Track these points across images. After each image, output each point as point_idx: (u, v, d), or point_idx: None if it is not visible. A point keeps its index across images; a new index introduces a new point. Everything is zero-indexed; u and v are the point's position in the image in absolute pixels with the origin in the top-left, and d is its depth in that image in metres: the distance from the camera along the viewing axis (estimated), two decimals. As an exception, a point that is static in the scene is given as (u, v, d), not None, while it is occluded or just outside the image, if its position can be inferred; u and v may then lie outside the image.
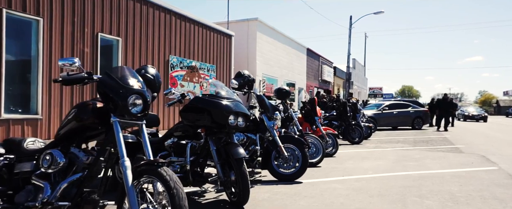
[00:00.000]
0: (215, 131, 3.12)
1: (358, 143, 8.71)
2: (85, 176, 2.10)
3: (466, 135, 11.75)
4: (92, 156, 2.15)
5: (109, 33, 6.64)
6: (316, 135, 6.38)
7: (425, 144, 8.60)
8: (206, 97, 3.11)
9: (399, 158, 6.14)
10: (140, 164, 1.95)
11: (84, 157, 2.14)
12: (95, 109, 2.16)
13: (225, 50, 11.02)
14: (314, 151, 5.38)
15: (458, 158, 6.16)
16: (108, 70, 2.16)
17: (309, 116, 6.47)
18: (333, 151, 6.43)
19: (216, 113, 3.00)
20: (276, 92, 5.36)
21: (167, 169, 1.90)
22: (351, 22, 20.09)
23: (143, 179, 1.95)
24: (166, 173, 1.86)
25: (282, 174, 4.20)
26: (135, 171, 1.94)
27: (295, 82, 17.39)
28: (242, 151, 2.99)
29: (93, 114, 2.14)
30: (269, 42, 14.26)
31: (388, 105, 14.87)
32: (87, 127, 2.20)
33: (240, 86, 4.16)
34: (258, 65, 13.23)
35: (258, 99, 4.24)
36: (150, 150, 2.12)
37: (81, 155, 2.14)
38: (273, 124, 4.21)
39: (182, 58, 8.93)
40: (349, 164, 5.48)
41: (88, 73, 2.14)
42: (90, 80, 2.13)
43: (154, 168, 1.89)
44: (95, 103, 2.21)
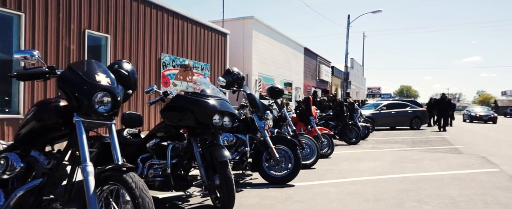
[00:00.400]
0: (199, 132, 2.90)
1: (355, 143, 8.51)
2: (45, 183, 1.88)
3: (465, 135, 11.58)
4: (53, 161, 1.93)
5: (97, 30, 6.42)
6: (311, 135, 6.18)
7: (424, 145, 8.42)
8: (189, 95, 2.89)
9: (397, 159, 5.94)
10: (104, 169, 1.74)
11: (45, 161, 1.92)
12: (58, 107, 1.94)
13: (220, 49, 10.80)
14: (308, 152, 5.18)
15: (458, 159, 5.96)
16: (73, 64, 1.94)
17: (304, 115, 6.26)
18: (328, 152, 6.22)
19: (199, 113, 2.78)
20: (269, 91, 5.15)
21: (134, 175, 1.68)
22: (349, 21, 19.91)
23: (107, 186, 1.74)
24: (131, 179, 1.64)
25: (273, 176, 3.99)
26: (99, 177, 1.73)
27: (292, 81, 17.19)
28: (227, 154, 2.77)
29: (56, 113, 1.92)
30: (266, 41, 14.06)
31: (386, 105, 14.70)
32: (50, 127, 1.99)
33: (229, 84, 3.95)
34: (254, 64, 13.03)
35: (248, 98, 4.03)
36: (118, 153, 1.90)
37: (41, 159, 1.93)
38: (264, 124, 4.00)
39: (175, 56, 8.71)
40: (344, 166, 5.27)
41: (50, 67, 1.92)
42: (52, 75, 1.92)
43: (119, 174, 1.67)
44: (58, 100, 1.99)
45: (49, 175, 1.89)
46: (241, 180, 4.24)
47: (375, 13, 19.54)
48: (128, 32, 7.16)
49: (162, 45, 8.22)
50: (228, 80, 3.95)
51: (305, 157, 5.14)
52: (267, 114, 4.04)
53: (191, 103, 2.82)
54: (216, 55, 10.56)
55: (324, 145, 6.23)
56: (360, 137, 8.70)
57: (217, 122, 2.83)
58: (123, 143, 3.30)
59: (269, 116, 4.06)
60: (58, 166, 1.89)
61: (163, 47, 8.27)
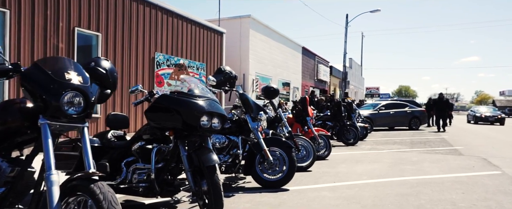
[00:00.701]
0: (186, 134, 2.72)
1: (353, 144, 8.34)
2: (8, 192, 1.70)
3: (464, 135, 11.43)
4: (18, 168, 1.75)
5: (88, 28, 6.23)
6: (308, 136, 6.01)
7: (423, 146, 8.26)
8: (175, 95, 2.70)
9: (396, 161, 5.78)
10: (72, 177, 1.56)
11: (8, 168, 1.74)
12: (24, 109, 1.77)
13: (216, 48, 10.62)
14: (304, 154, 5.01)
15: (458, 161, 5.81)
16: (39, 61, 1.76)
17: (300, 116, 6.09)
18: (325, 153, 6.05)
19: (185, 114, 2.60)
20: (264, 90, 4.97)
21: (103, 185, 1.51)
22: (347, 20, 19.76)
23: (74, 197, 1.56)
24: (100, 190, 1.47)
25: (266, 180, 3.82)
26: (65, 187, 1.55)
27: (290, 81, 17.03)
28: (215, 158, 2.59)
29: (21, 115, 1.75)
30: (263, 40, 13.89)
31: (384, 105, 14.55)
32: (15, 131, 1.81)
33: (220, 84, 3.77)
34: (251, 64, 12.86)
35: (241, 98, 3.85)
36: (90, 160, 1.72)
37: (4, 166, 1.75)
38: (257, 125, 3.82)
39: (169, 55, 8.53)
40: (342, 168, 5.10)
41: (14, 64, 1.74)
42: (16, 73, 1.74)
43: (86, 184, 1.49)
44: (24, 101, 1.82)
45: (13, 183, 1.71)
46: (234, 183, 4.07)
47: (374, 12, 19.40)
48: (120, 30, 6.97)
49: (156, 44, 8.04)
50: (219, 79, 3.78)
51: (301, 159, 4.97)
52: (260, 115, 3.87)
53: (177, 103, 2.64)
54: (212, 55, 10.38)
55: (321, 146, 6.06)
56: (358, 138, 8.54)
57: (205, 123, 2.65)
58: (107, 146, 3.13)
59: (262, 117, 3.89)
60: (22, 174, 1.71)
61: (157, 46, 8.08)
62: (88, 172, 1.57)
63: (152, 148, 2.80)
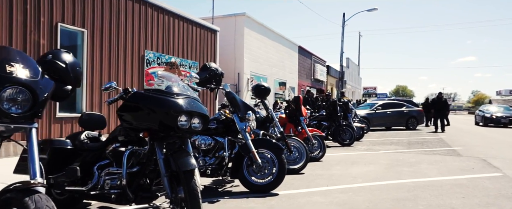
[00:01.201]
0: (163, 136, 2.47)
1: (349, 145, 8.13)
2: None
3: (462, 136, 11.26)
4: None
5: (72, 23, 5.96)
6: (301, 137, 5.79)
7: (420, 146, 8.06)
8: (150, 93, 2.45)
9: (392, 163, 5.56)
10: (7, 188, 1.32)
11: None
12: None
13: (209, 46, 10.38)
14: (296, 156, 4.78)
15: (457, 163, 5.60)
16: None
17: (293, 116, 5.86)
18: (319, 154, 5.83)
19: (161, 113, 2.36)
20: (254, 89, 4.74)
21: (41, 197, 1.27)
22: (344, 19, 19.57)
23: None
24: (35, 205, 1.23)
25: (255, 184, 3.59)
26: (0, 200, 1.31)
27: (286, 80, 16.81)
28: (193, 162, 2.35)
29: None
30: (258, 39, 13.65)
31: (381, 104, 14.35)
32: None
33: (205, 81, 3.54)
34: (246, 63, 12.62)
35: (228, 97, 3.62)
36: (36, 167, 1.48)
37: None
38: (245, 125, 3.59)
39: (159, 53, 8.27)
40: (336, 170, 4.88)
41: None
42: None
43: (21, 197, 1.25)
44: None
45: None
46: (221, 187, 3.83)
47: (371, 11, 19.23)
48: (108, 26, 6.71)
49: (146, 42, 7.78)
50: (204, 76, 3.54)
51: (293, 161, 4.74)
52: (248, 115, 3.63)
53: (151, 102, 2.39)
54: (205, 53, 10.13)
55: (315, 147, 5.84)
56: (354, 138, 8.33)
57: (183, 124, 2.40)
58: (80, 148, 2.89)
59: (251, 116, 3.65)
60: None
61: (147, 44, 7.82)
62: (27, 182, 1.33)
63: (124, 150, 2.55)
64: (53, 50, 1.96)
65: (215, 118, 3.82)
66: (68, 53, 2.01)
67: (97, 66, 6.46)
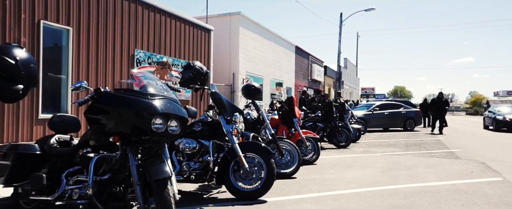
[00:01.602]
0: (135, 140, 2.25)
1: (345, 147, 7.93)
2: None
3: (460, 137, 11.08)
4: None
5: (56, 21, 5.73)
6: (295, 139, 5.58)
7: (418, 148, 7.87)
8: (120, 93, 2.23)
9: (389, 166, 5.37)
10: None
11: None
12: None
13: (203, 46, 10.16)
14: (288, 159, 4.57)
15: (455, 166, 5.41)
16: None
17: (286, 117, 5.66)
18: (313, 157, 5.62)
19: (132, 115, 2.14)
20: (244, 90, 4.53)
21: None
22: (342, 19, 19.40)
23: None
24: None
25: (241, 190, 3.37)
26: None
27: (282, 81, 16.61)
28: (167, 169, 2.13)
29: None
30: (254, 39, 13.45)
31: (378, 105, 14.17)
32: None
33: (189, 81, 3.33)
34: (241, 62, 12.41)
35: (213, 98, 3.41)
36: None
37: None
38: (232, 128, 3.38)
39: (150, 52, 8.05)
40: (329, 174, 4.67)
41: None
42: None
43: None
44: None
45: None
46: (206, 194, 3.62)
47: (368, 11, 19.07)
48: (95, 24, 6.48)
49: (136, 40, 7.56)
50: (188, 76, 3.33)
51: (285, 165, 4.54)
52: (235, 117, 3.43)
53: (122, 103, 2.16)
54: (199, 53, 9.91)
55: (309, 150, 5.64)
56: (351, 140, 8.13)
57: (158, 127, 2.18)
58: (48, 153, 2.66)
59: (237, 118, 3.44)
60: None
61: (137, 43, 7.60)
62: None
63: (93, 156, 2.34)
64: (2, 45, 1.74)
65: (200, 120, 3.61)
66: (20, 48, 1.80)
67: (83, 66, 6.23)
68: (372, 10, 18.96)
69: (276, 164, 4.53)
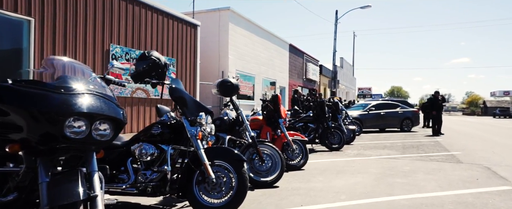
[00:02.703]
0: (46, 149, 1.68)
1: (338, 149, 7.40)
2: None
3: (459, 138, 10.59)
4: None
5: (14, 10, 5.14)
6: (280, 142, 5.04)
7: (416, 150, 7.35)
8: (21, 86, 1.65)
9: (384, 172, 4.83)
10: None
11: None
12: None
13: (189, 42, 9.58)
14: (269, 166, 4.02)
15: (458, 172, 4.88)
16: None
17: (271, 118, 5.11)
18: (301, 162, 5.08)
19: (37, 116, 1.57)
20: (218, 86, 3.98)
21: None
22: (337, 17, 18.90)
23: None
24: None
25: (207, 205, 2.81)
26: None
27: (275, 80, 16.07)
28: (76, 191, 1.56)
29: None
30: (245, 36, 12.89)
31: (374, 105, 13.65)
32: None
33: (143, 74, 2.77)
34: (231, 60, 11.85)
35: (172, 94, 2.85)
36: None
37: None
38: (196, 130, 2.82)
39: (128, 48, 7.47)
40: (317, 182, 4.12)
41: None
42: None
43: None
44: None
45: None
46: (169, 208, 3.05)
47: (364, 8, 18.59)
48: (62, 16, 5.90)
49: (111, 34, 6.98)
50: (142, 68, 2.77)
51: (266, 172, 3.99)
52: (200, 117, 2.86)
53: (22, 99, 1.60)
54: (184, 49, 9.34)
55: (296, 154, 5.09)
56: (344, 141, 7.59)
57: (76, 131, 1.62)
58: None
59: (203, 119, 2.88)
60: None
61: (113, 37, 7.02)
62: None
63: None
64: None
65: (161, 121, 3.05)
66: None
67: (48, 61, 5.64)
68: (368, 8, 18.48)
69: (255, 171, 4.00)
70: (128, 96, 7.30)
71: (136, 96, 7.52)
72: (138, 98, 7.57)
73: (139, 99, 7.61)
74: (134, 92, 7.46)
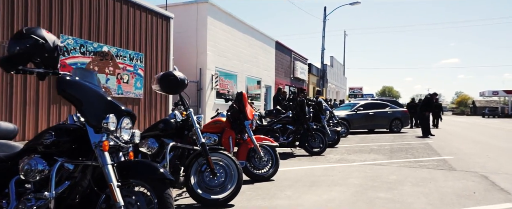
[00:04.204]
0: None
1: (319, 153, 6.69)
2: None
3: (450, 139, 10.01)
4: None
5: None
6: (246, 148, 4.29)
7: (404, 155, 6.68)
8: None
9: (366, 183, 4.12)
10: None
11: None
12: None
13: (160, 36, 8.76)
14: (222, 180, 3.26)
15: (451, 182, 4.20)
16: None
17: (237, 119, 4.36)
18: (270, 171, 4.33)
19: None
20: (160, 80, 3.20)
21: None
22: (326, 13, 18.25)
23: None
24: None
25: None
26: None
27: (260, 78, 15.32)
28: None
29: None
30: (225, 30, 12.11)
31: (363, 105, 13.01)
32: None
33: (15, 58, 1.96)
34: (210, 57, 11.06)
35: (61, 89, 2.06)
36: None
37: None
38: (102, 139, 2.03)
39: (84, 40, 6.62)
40: (282, 199, 3.38)
41: None
42: None
43: None
44: None
45: None
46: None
47: (353, 4, 17.98)
48: None
49: (62, 24, 6.13)
50: (15, 50, 1.97)
51: (219, 187, 3.23)
52: (106, 121, 2.07)
53: None
54: (155, 43, 8.51)
55: (264, 162, 4.34)
56: (326, 145, 6.88)
57: None
58: None
59: (111, 123, 2.09)
60: None
61: (64, 27, 6.17)
62: None
63: None
64: None
65: (58, 127, 2.24)
66: None
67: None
68: (357, 4, 17.88)
69: (205, 186, 3.24)
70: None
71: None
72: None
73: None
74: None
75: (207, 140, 4.29)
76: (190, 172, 3.18)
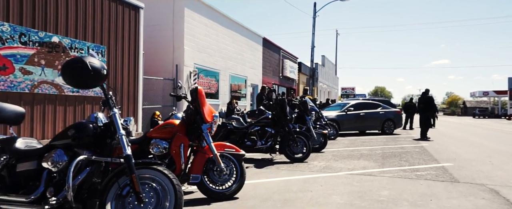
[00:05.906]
0: None
1: (302, 160, 5.86)
2: None
3: (446, 142, 9.28)
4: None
5: None
6: (203, 158, 3.42)
7: (398, 161, 5.88)
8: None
9: (352, 202, 3.28)
10: None
11: None
12: None
13: (127, 27, 7.81)
14: (152, 201, 2.37)
15: (456, 199, 3.39)
16: None
17: (193, 122, 3.48)
18: (232, 188, 3.46)
19: None
20: (63, 69, 2.30)
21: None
22: (315, 9, 17.49)
23: None
24: None
25: None
26: None
27: (246, 77, 14.45)
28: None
29: None
30: (206, 25, 11.20)
31: (353, 105, 12.22)
32: None
33: None
34: (188, 52, 10.14)
35: None
36: None
37: None
38: None
39: (26, 27, 5.65)
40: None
41: None
42: None
43: None
44: None
45: None
46: None
47: (344, 0, 17.25)
48: None
49: (-4, 8, 5.16)
50: None
51: (146, 217, 2.34)
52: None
53: None
54: (121, 35, 7.57)
55: (225, 175, 3.47)
56: (310, 150, 6.03)
57: None
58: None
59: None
60: None
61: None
62: None
63: None
64: None
65: None
66: None
67: None
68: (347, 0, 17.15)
69: (128, 216, 2.35)
70: (25, 91, 5.50)
71: (41, 92, 5.72)
72: (43, 94, 5.77)
73: (46, 96, 5.81)
74: (37, 87, 5.66)
75: (155, 148, 3.39)
76: (106, 199, 2.28)
